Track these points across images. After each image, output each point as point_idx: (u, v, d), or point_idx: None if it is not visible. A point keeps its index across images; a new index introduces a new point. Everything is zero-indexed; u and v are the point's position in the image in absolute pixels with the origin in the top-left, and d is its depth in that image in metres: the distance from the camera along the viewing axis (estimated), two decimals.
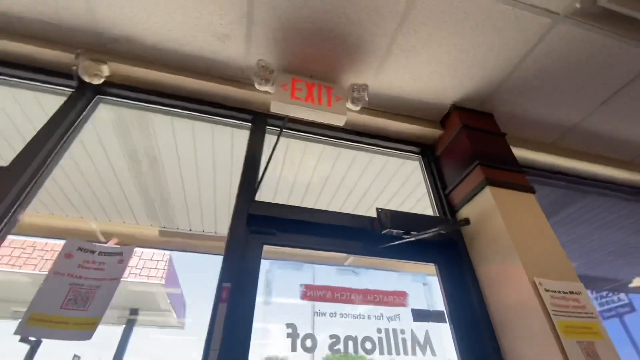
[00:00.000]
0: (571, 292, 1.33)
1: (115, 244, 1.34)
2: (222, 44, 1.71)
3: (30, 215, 3.12)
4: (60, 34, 1.67)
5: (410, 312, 1.49)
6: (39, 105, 1.85)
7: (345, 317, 1.44)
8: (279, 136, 1.83)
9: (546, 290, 1.30)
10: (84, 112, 1.72)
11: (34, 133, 1.51)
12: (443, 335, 1.45)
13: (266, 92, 1.81)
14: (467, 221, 1.68)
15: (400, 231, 1.57)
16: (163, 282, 9.97)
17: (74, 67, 1.65)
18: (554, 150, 2.34)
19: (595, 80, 1.91)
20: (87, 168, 2.39)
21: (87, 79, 1.66)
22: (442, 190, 1.98)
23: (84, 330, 1.11)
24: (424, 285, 1.64)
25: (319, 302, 1.45)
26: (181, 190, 2.73)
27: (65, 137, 1.59)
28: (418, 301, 1.61)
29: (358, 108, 1.86)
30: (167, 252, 11.11)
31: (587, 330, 1.23)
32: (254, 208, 1.55)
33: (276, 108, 1.71)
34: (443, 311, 1.54)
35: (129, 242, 3.87)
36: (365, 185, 2.55)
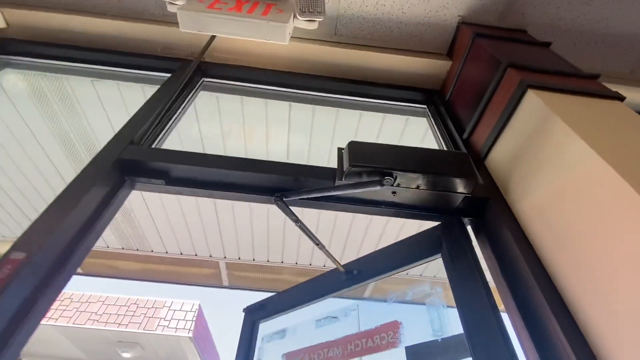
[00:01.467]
0: None
1: None
2: None
3: None
4: None
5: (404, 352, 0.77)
6: None
7: None
8: (192, 77, 1.30)
9: None
10: None
11: None
12: None
13: None
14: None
15: (366, 178, 0.87)
16: (191, 335, 9.29)
17: None
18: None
19: None
20: (29, 171, 2.04)
21: None
22: (460, 137, 1.26)
23: None
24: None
25: None
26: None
27: None
28: (419, 331, 0.91)
29: (314, 25, 1.31)
30: (197, 302, 10.59)
31: None
32: (130, 152, 0.97)
33: (186, 24, 1.22)
34: (459, 337, 0.76)
35: (112, 274, 3.36)
36: None
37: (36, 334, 0.70)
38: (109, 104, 1.69)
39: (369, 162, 0.87)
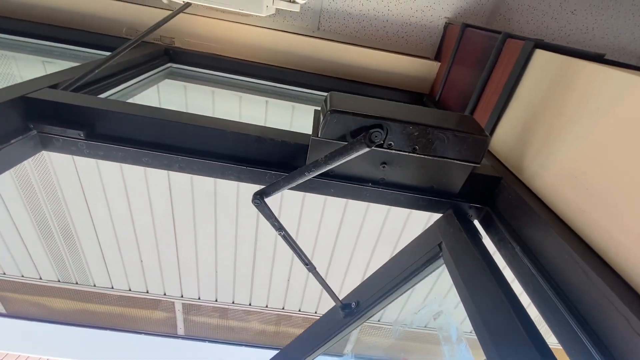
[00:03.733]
0: None
1: None
2: None
3: None
4: None
5: None
6: None
7: None
8: (156, 55, 1.13)
9: None
10: None
11: None
12: None
13: None
14: None
15: (350, 132, 0.68)
16: None
17: None
18: None
19: None
20: None
21: None
22: None
23: None
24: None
25: None
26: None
27: None
28: None
29: (296, 7, 1.22)
30: None
31: None
32: (43, 93, 0.75)
33: None
34: None
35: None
36: None
37: None
38: None
39: (354, 109, 0.68)
